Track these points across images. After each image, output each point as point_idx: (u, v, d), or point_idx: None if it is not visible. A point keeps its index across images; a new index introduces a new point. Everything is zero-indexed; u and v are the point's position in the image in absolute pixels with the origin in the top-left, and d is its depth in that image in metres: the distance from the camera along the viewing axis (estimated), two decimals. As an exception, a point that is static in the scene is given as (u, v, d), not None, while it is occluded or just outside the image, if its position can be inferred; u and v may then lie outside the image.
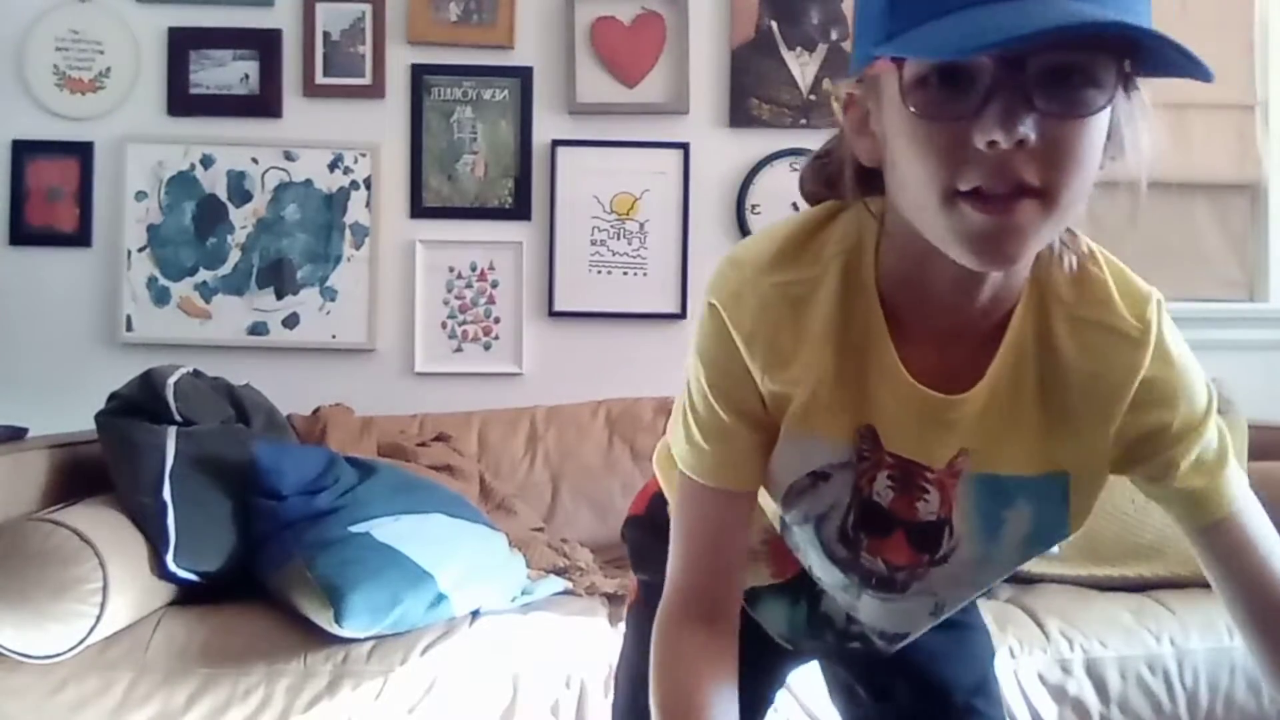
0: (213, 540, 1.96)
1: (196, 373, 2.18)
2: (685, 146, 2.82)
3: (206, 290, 2.79)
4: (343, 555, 1.85)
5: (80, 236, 2.79)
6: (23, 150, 2.79)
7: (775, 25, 2.83)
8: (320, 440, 2.43)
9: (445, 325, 2.83)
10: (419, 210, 2.83)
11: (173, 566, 1.91)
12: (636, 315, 2.81)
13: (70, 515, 1.86)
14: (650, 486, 1.16)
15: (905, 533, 0.90)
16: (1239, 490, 0.88)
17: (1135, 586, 2.14)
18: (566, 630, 1.91)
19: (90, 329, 2.80)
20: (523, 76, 2.83)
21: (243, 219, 2.80)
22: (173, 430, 2.01)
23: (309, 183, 2.81)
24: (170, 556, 1.90)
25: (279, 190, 2.81)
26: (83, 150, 2.79)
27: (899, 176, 0.77)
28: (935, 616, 0.99)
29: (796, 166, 2.65)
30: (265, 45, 2.81)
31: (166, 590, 1.95)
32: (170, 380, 2.08)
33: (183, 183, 2.80)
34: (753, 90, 2.83)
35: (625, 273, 2.83)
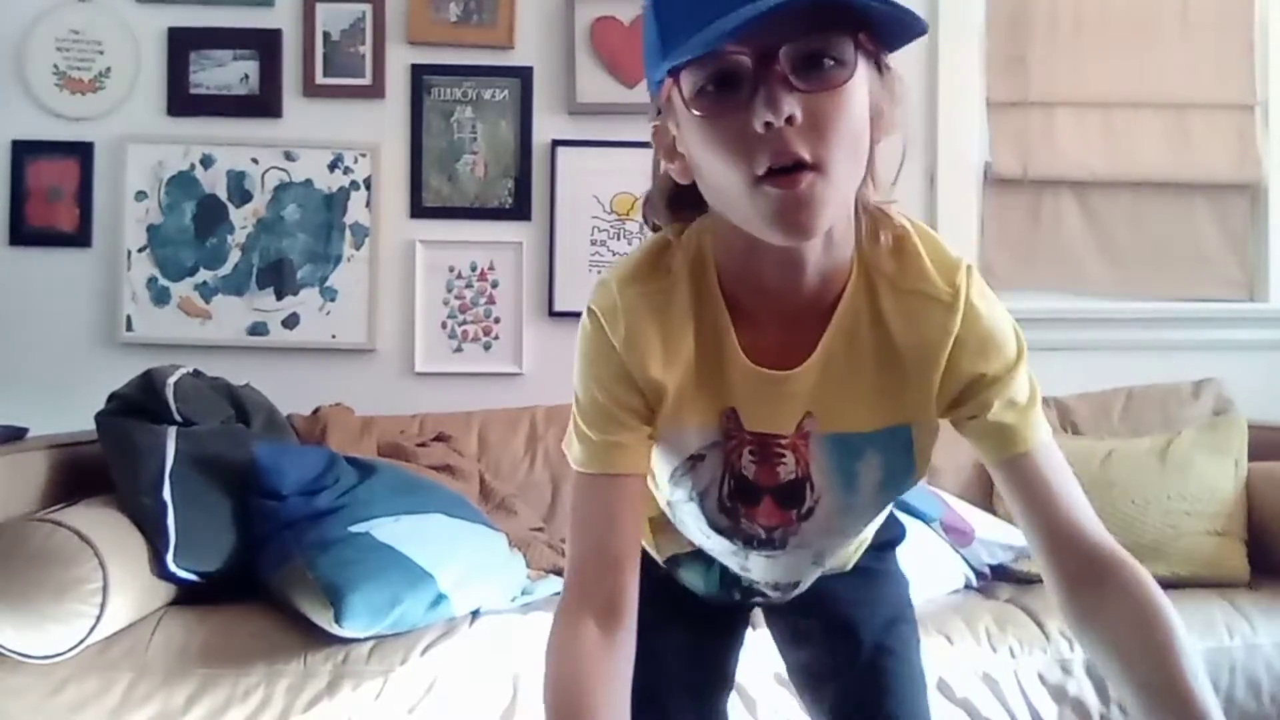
0: (213, 540, 1.96)
1: (196, 373, 2.18)
2: (685, 146, 2.82)
3: (206, 290, 2.79)
4: (343, 555, 1.85)
5: (80, 236, 2.79)
6: (23, 150, 2.79)
7: (775, 25, 2.83)
8: (320, 440, 2.43)
9: (445, 325, 2.83)
10: (419, 210, 2.83)
11: (173, 566, 1.91)
12: (636, 315, 2.81)
13: (70, 515, 1.86)
14: None
15: (771, 497, 1.02)
16: (1042, 434, 0.98)
17: (1135, 586, 2.13)
18: None
19: (90, 329, 2.80)
20: (523, 76, 2.83)
21: (243, 219, 2.80)
22: (173, 430, 2.01)
23: (309, 183, 2.81)
24: (170, 556, 1.90)
25: (279, 190, 2.81)
26: (83, 150, 2.79)
27: (707, 180, 0.89)
28: (818, 565, 1.13)
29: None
30: (265, 45, 2.81)
31: (166, 590, 1.95)
32: (170, 380, 2.08)
33: (183, 183, 2.80)
34: (753, 90, 2.83)
35: (625, 273, 2.83)
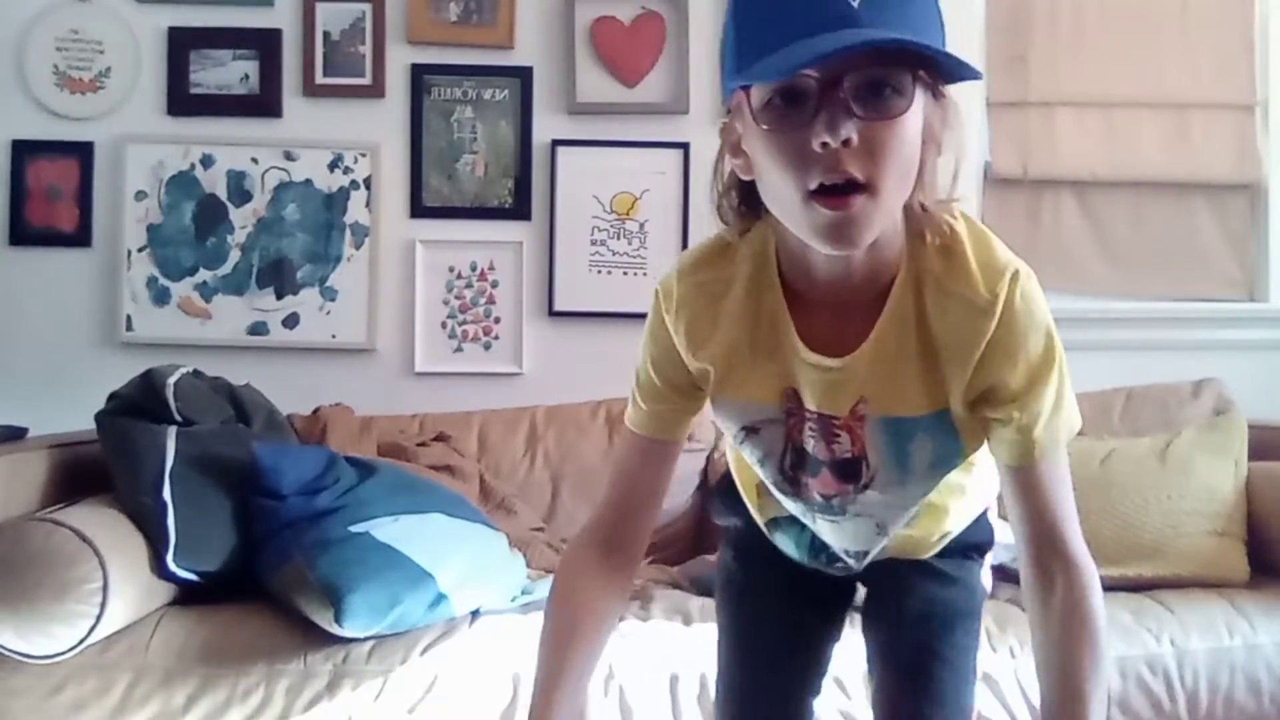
0: (213, 540, 1.96)
1: (196, 373, 2.18)
2: (685, 146, 2.82)
3: (206, 290, 2.79)
4: (343, 555, 1.85)
5: (80, 236, 2.79)
6: (23, 150, 2.79)
7: (775, 25, 2.83)
8: (320, 440, 2.43)
9: (445, 325, 2.83)
10: (419, 210, 2.83)
11: (173, 566, 1.91)
12: (637, 315, 2.75)
13: (70, 515, 1.86)
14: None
15: (830, 469, 1.11)
16: (1053, 449, 1.03)
17: (1135, 586, 2.14)
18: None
19: (90, 329, 2.80)
20: (523, 76, 2.83)
21: (243, 219, 2.80)
22: (173, 430, 2.01)
23: (309, 183, 2.81)
24: (170, 556, 1.90)
25: (279, 190, 2.81)
26: (82, 150, 2.79)
27: (765, 184, 0.97)
28: (882, 534, 1.19)
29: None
30: (265, 45, 2.81)
31: (166, 590, 1.95)
32: (170, 380, 2.08)
33: (183, 183, 2.80)
34: (753, 90, 2.83)
35: (625, 273, 2.83)
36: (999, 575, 2.25)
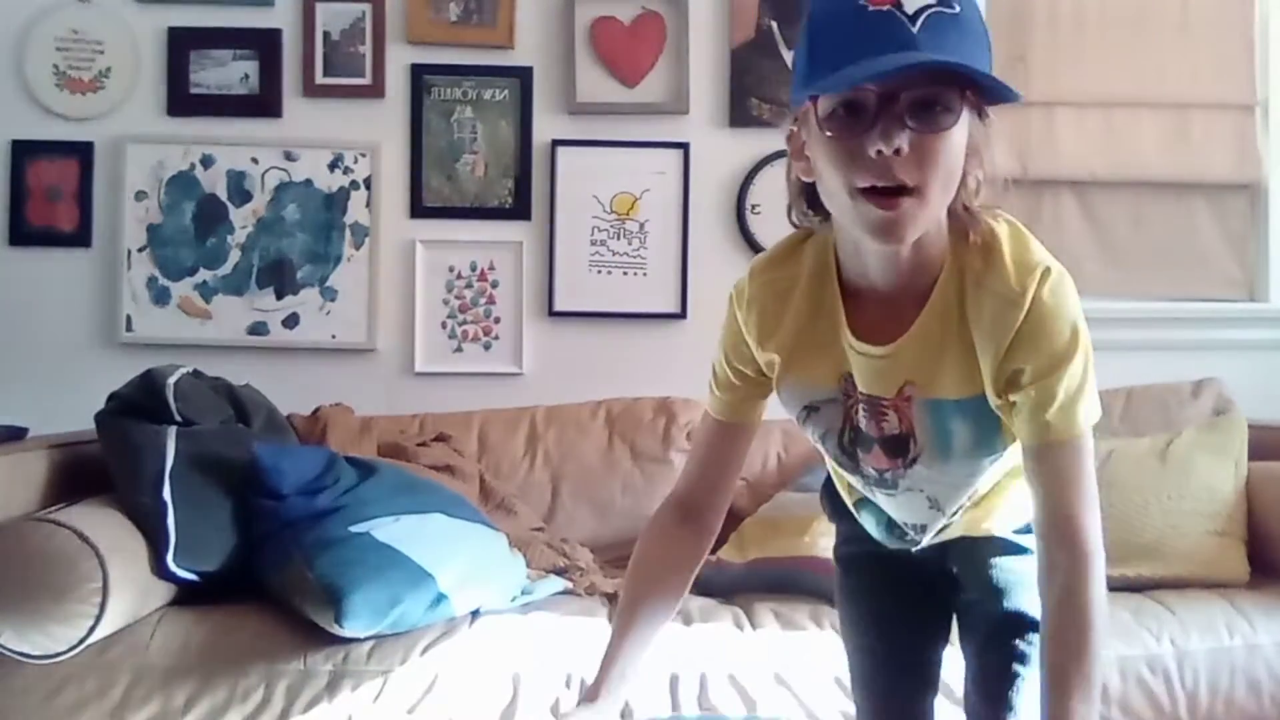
0: (213, 540, 1.96)
1: (196, 373, 2.18)
2: (685, 146, 2.82)
3: (206, 290, 2.79)
4: (343, 555, 1.85)
5: (80, 236, 2.79)
6: (23, 150, 2.79)
7: (775, 25, 2.83)
8: (320, 440, 2.43)
9: (445, 325, 2.83)
10: (419, 210, 2.83)
11: (173, 566, 1.91)
12: (636, 315, 2.81)
13: (70, 515, 1.86)
14: None
15: (880, 446, 1.22)
16: (1068, 434, 1.11)
17: (1135, 586, 2.14)
18: (566, 630, 1.91)
19: (90, 329, 2.80)
20: (523, 76, 2.83)
21: (243, 219, 2.80)
22: (173, 430, 2.01)
23: (309, 183, 2.81)
24: (170, 556, 1.90)
25: (279, 190, 2.81)
26: (82, 150, 2.79)
27: (824, 185, 1.08)
28: (936, 509, 1.28)
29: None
30: (265, 45, 2.81)
31: (166, 590, 1.95)
32: (170, 380, 2.08)
33: (183, 183, 2.80)
34: (753, 90, 2.83)
35: (625, 273, 2.83)
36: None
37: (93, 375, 2.50)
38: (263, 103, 2.81)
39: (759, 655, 1.87)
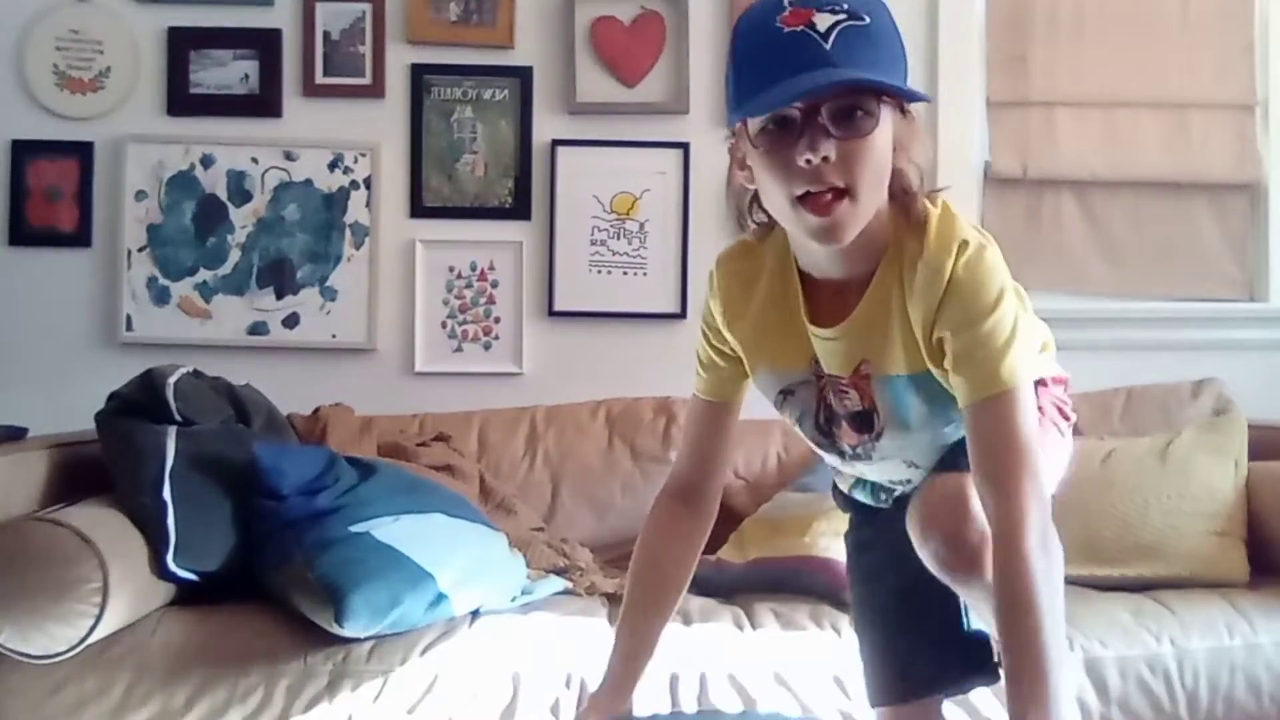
0: (213, 540, 1.96)
1: (196, 373, 2.18)
2: (685, 146, 2.82)
3: (206, 290, 2.79)
4: (343, 555, 1.85)
5: (80, 236, 2.79)
6: (23, 150, 2.79)
7: (775, 25, 2.83)
8: (320, 440, 2.43)
9: (445, 325, 2.83)
10: (419, 210, 2.83)
11: (173, 566, 1.91)
12: (636, 315, 2.81)
13: (70, 515, 1.86)
14: None
15: (847, 422, 1.32)
16: (996, 388, 1.17)
17: (1135, 586, 2.14)
18: (566, 630, 1.91)
19: (90, 329, 2.80)
20: (523, 76, 2.83)
21: (243, 219, 2.80)
22: (173, 430, 2.01)
23: (309, 182, 2.81)
24: (170, 556, 1.90)
25: (279, 190, 2.81)
26: (82, 150, 2.79)
27: (765, 194, 1.19)
28: (915, 467, 1.35)
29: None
30: (265, 45, 2.81)
31: (166, 590, 1.95)
32: (170, 380, 2.08)
33: (183, 183, 2.80)
34: (753, 90, 2.82)
35: (625, 273, 2.83)
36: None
37: (93, 375, 2.50)
38: (263, 103, 2.81)
39: (759, 655, 1.87)
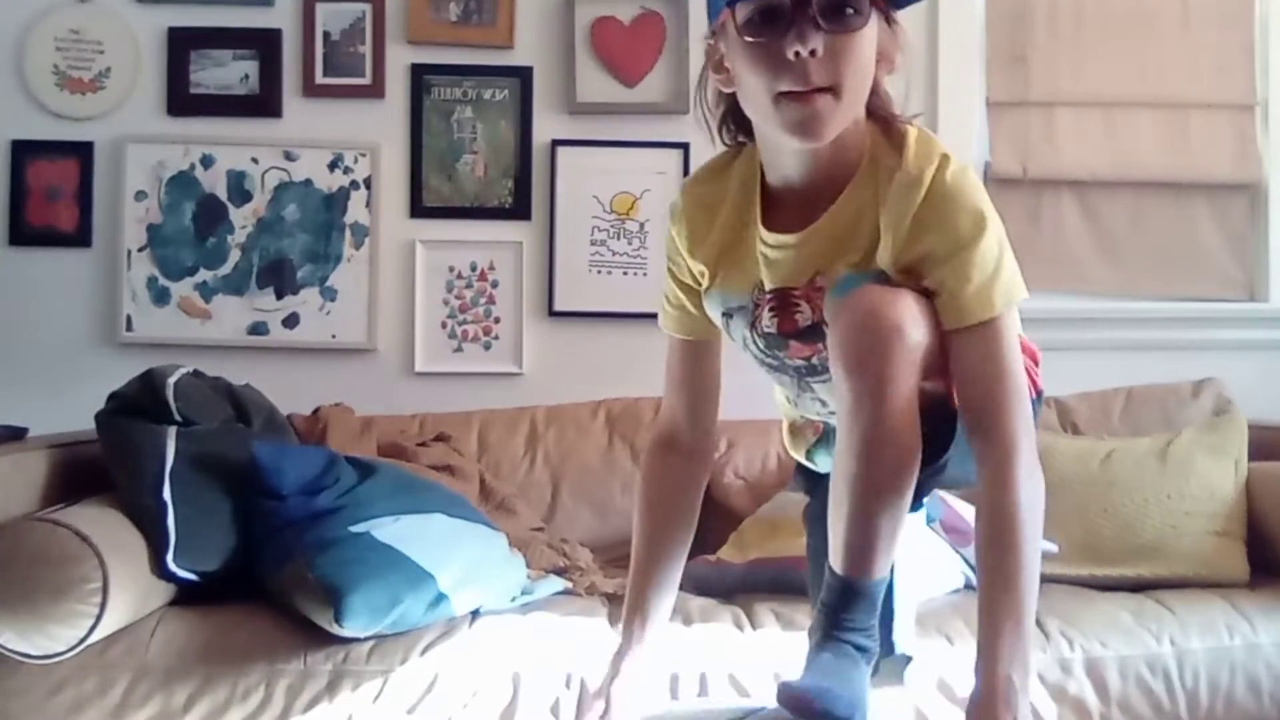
0: (213, 540, 1.96)
1: (196, 373, 2.18)
2: (685, 146, 2.82)
3: (206, 290, 2.80)
4: (343, 555, 1.85)
5: (80, 236, 2.79)
6: (23, 150, 2.79)
7: (775, 25, 2.83)
8: (320, 440, 2.43)
9: (445, 325, 2.83)
10: (419, 210, 2.83)
11: (173, 566, 1.91)
12: (636, 315, 2.81)
13: (70, 515, 1.86)
14: None
15: (795, 338, 1.28)
16: (986, 315, 1.15)
17: (1135, 586, 2.14)
18: (566, 630, 1.91)
19: (90, 329, 2.80)
20: (523, 76, 2.83)
21: (243, 219, 2.80)
22: (173, 430, 2.01)
23: (309, 183, 2.81)
24: (170, 556, 1.90)
25: (279, 190, 2.81)
26: (82, 150, 2.79)
27: (745, 92, 1.18)
28: None
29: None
30: (265, 45, 2.81)
31: (166, 590, 1.95)
32: (170, 380, 2.08)
33: (183, 183, 2.80)
34: (753, 90, 2.83)
35: (625, 273, 2.83)
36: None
37: (93, 375, 2.50)
38: (263, 103, 2.81)
39: (759, 655, 1.87)
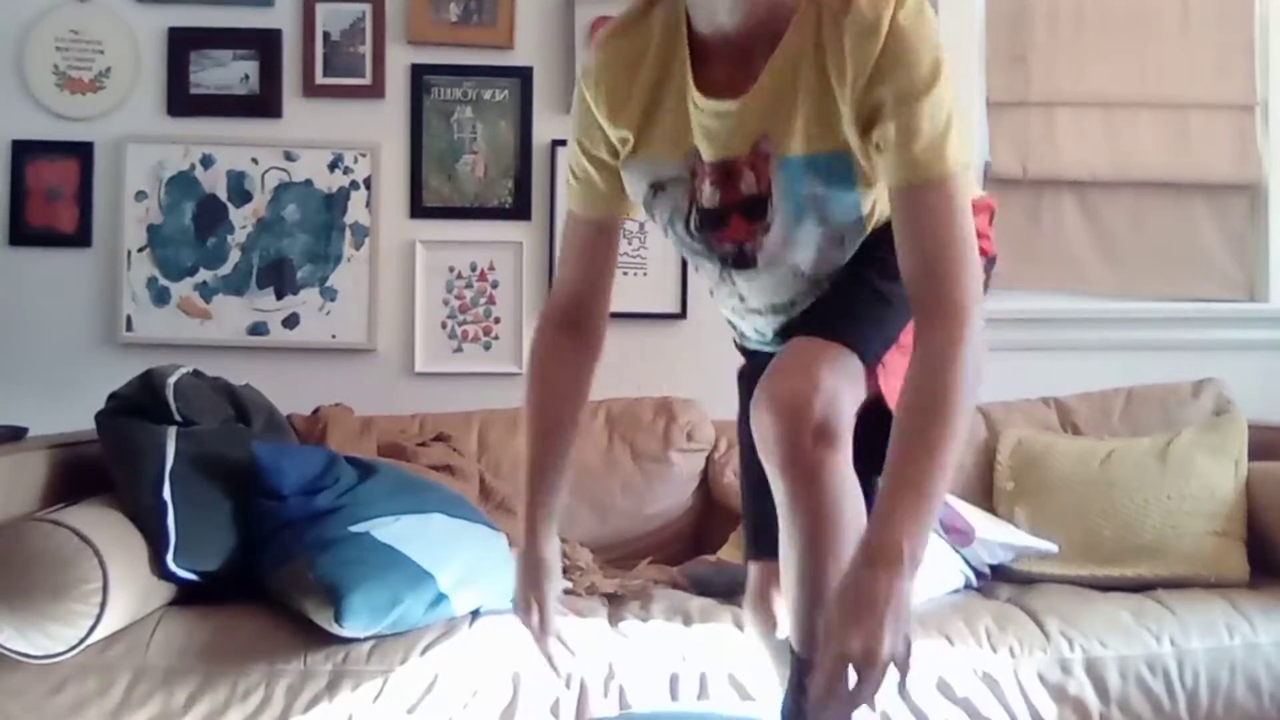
0: (213, 540, 1.96)
1: (196, 373, 2.18)
2: (685, 146, 2.81)
3: (206, 290, 2.80)
4: (343, 555, 1.85)
5: (80, 236, 2.79)
6: (23, 150, 2.79)
7: (775, 25, 2.83)
8: (320, 440, 2.43)
9: (445, 325, 2.83)
10: (419, 210, 2.83)
11: (173, 566, 1.91)
12: (636, 315, 2.81)
13: (70, 515, 1.86)
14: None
15: (738, 214, 1.20)
16: (937, 175, 1.08)
17: (1135, 586, 2.14)
18: (566, 630, 1.90)
19: (90, 329, 2.80)
20: (523, 76, 2.83)
21: (243, 219, 2.80)
22: (173, 430, 2.01)
23: (309, 183, 2.81)
24: (170, 556, 1.90)
25: (279, 190, 2.81)
26: (82, 150, 2.79)
27: None
28: (800, 279, 1.25)
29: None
30: (265, 45, 2.81)
31: (166, 590, 1.95)
32: (170, 380, 2.08)
33: (183, 183, 2.80)
34: (753, 90, 2.83)
35: (625, 273, 2.83)
36: (998, 575, 2.27)
37: (93, 375, 2.50)
38: (263, 103, 2.81)
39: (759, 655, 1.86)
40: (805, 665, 1.12)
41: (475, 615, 1.93)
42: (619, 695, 1.81)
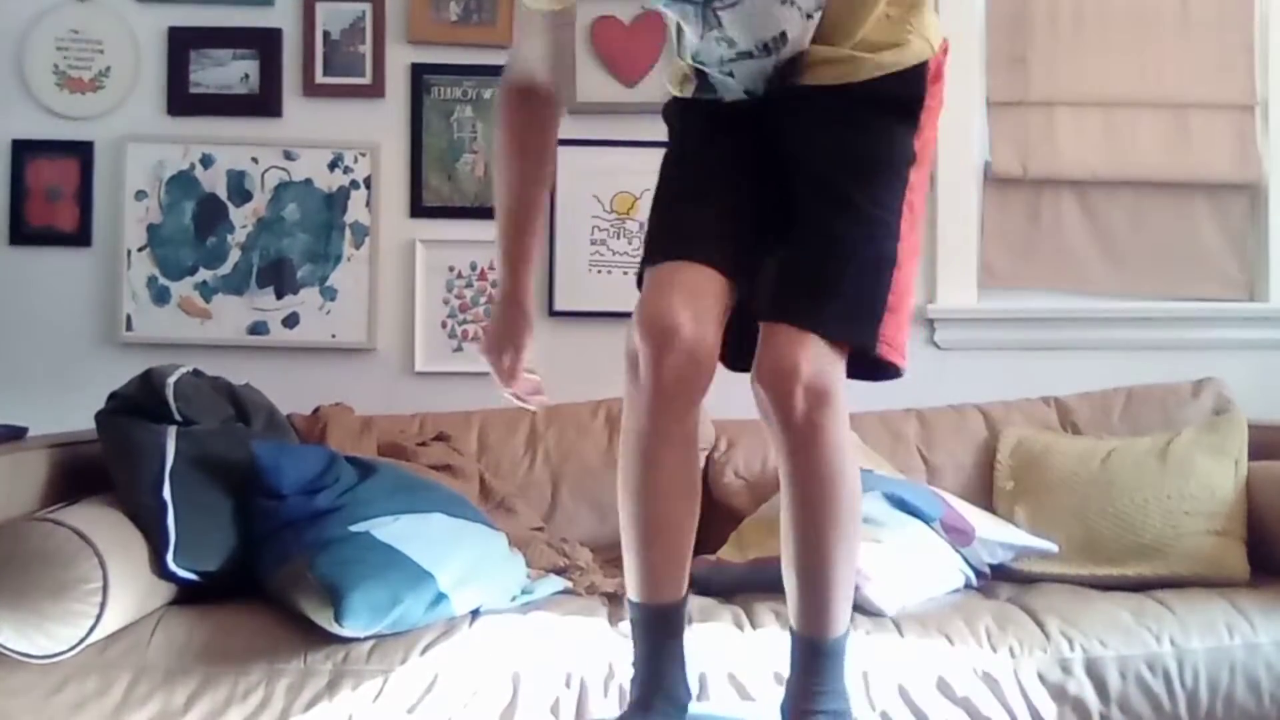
0: (213, 540, 1.96)
1: (196, 372, 2.18)
2: (685, 146, 2.81)
3: (206, 290, 2.80)
4: (343, 555, 1.85)
5: (80, 236, 2.79)
6: (23, 150, 2.79)
7: (775, 25, 2.83)
8: (320, 440, 2.43)
9: (445, 325, 2.83)
10: (419, 210, 2.83)
11: (173, 566, 1.91)
12: (636, 315, 2.81)
13: (70, 515, 1.86)
14: None
15: None
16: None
17: (1135, 586, 2.14)
18: (566, 630, 1.91)
19: (90, 329, 2.80)
20: (523, 76, 2.83)
21: (243, 219, 2.80)
22: (173, 430, 2.01)
23: (309, 182, 2.81)
24: (170, 556, 1.90)
25: (279, 190, 2.81)
26: (83, 150, 2.79)
27: None
28: (789, 5, 1.23)
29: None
30: (265, 45, 2.81)
31: (166, 590, 1.95)
32: (170, 380, 2.08)
33: (183, 182, 2.80)
34: (753, 90, 2.83)
35: (625, 272, 2.83)
36: (998, 575, 2.27)
37: (93, 375, 2.50)
38: (263, 102, 2.81)
39: (759, 655, 1.87)
40: (811, 649, 1.12)
41: (475, 615, 1.93)
42: (619, 695, 1.81)
